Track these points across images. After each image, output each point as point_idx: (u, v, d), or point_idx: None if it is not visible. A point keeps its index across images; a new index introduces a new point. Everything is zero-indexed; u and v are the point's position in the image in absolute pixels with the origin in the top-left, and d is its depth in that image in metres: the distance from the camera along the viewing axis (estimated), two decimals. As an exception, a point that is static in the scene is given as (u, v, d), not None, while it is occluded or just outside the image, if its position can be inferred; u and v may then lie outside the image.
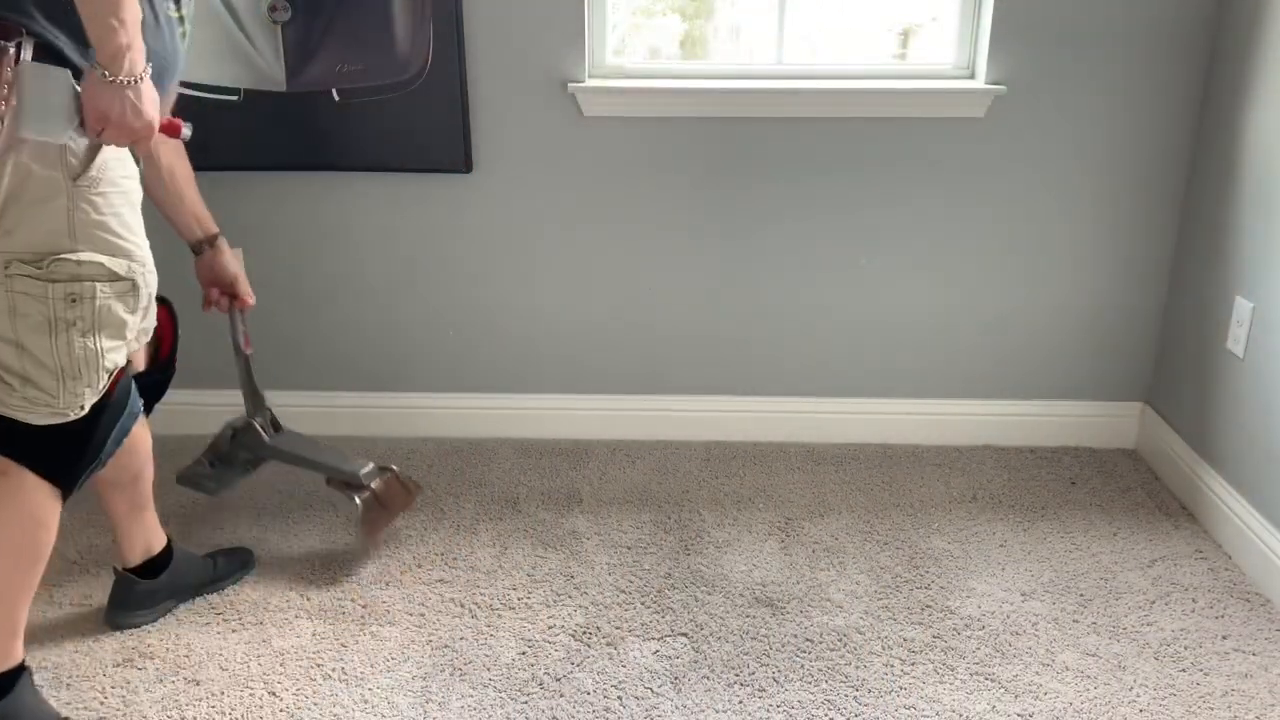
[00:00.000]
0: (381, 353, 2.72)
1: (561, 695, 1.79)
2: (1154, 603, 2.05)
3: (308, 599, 2.05)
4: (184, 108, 2.45)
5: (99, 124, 1.39)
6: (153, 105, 1.42)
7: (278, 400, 2.75)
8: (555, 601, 2.05)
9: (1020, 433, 2.71)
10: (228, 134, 2.48)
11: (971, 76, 2.50)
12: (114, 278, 1.48)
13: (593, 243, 2.60)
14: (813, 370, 2.70)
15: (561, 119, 2.49)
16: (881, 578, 2.13)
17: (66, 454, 1.56)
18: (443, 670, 1.85)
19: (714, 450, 2.69)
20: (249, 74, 2.43)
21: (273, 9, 2.38)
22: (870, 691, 1.80)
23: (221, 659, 1.88)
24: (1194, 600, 2.06)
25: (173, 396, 2.79)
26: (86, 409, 1.53)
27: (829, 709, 1.76)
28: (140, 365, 1.83)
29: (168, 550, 1.98)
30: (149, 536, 1.94)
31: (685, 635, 1.95)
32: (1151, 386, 2.67)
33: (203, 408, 2.76)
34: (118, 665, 1.86)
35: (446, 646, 1.92)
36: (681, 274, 2.62)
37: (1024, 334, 2.64)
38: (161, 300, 1.75)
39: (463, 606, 2.03)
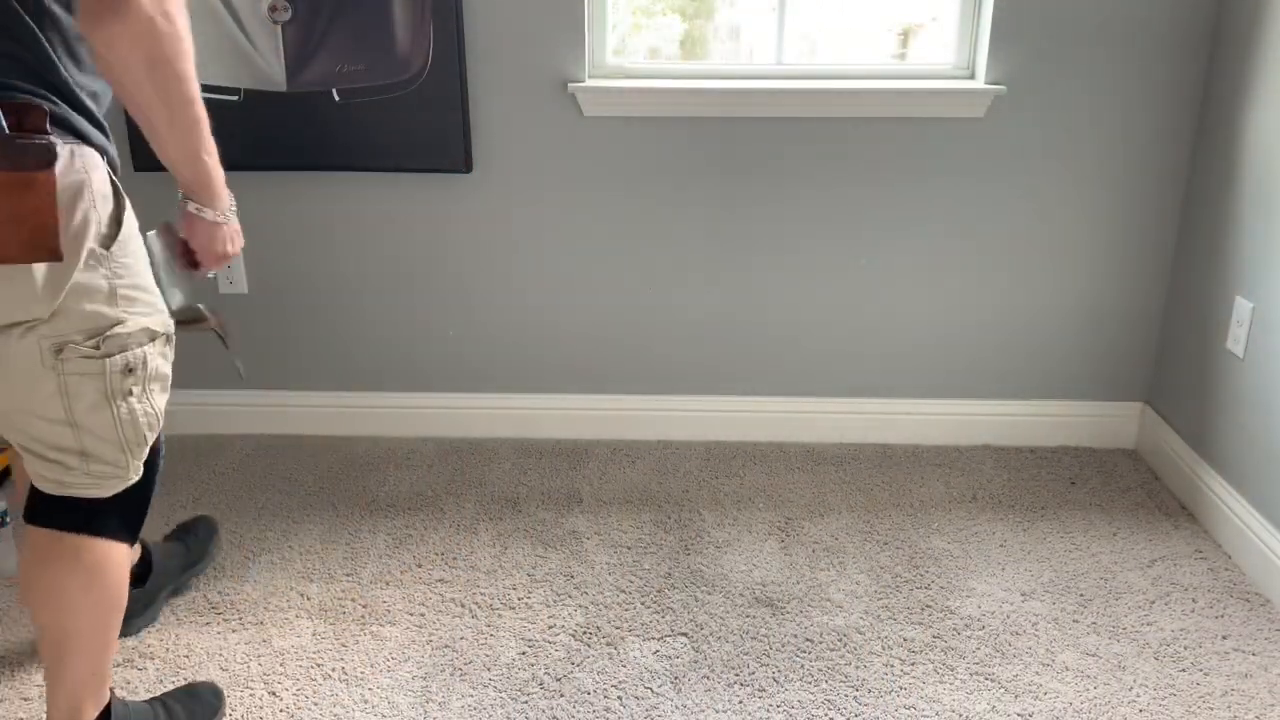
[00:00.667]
0: (381, 353, 2.72)
1: (561, 695, 1.79)
2: (1154, 603, 2.05)
3: (308, 599, 2.05)
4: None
5: (217, 264, 1.40)
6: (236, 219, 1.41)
7: (277, 399, 2.76)
8: (555, 601, 2.05)
9: (1020, 433, 2.71)
10: (228, 134, 2.47)
11: (971, 76, 2.50)
12: (154, 336, 1.44)
13: (593, 242, 2.60)
14: (813, 370, 2.70)
15: (561, 119, 2.49)
16: (881, 578, 2.13)
17: (133, 512, 1.53)
18: (443, 670, 1.85)
19: (714, 450, 2.69)
20: (249, 74, 2.43)
21: (273, 9, 2.38)
22: (870, 691, 1.80)
23: (221, 659, 1.88)
24: (1194, 600, 2.06)
25: (173, 397, 2.79)
26: (143, 468, 1.50)
27: (829, 709, 1.76)
28: None
29: (146, 556, 1.98)
30: None
31: (685, 635, 1.95)
32: (1151, 386, 2.67)
33: (204, 407, 2.76)
34: (118, 665, 1.86)
35: (446, 646, 1.92)
36: (681, 274, 2.62)
37: (1024, 334, 2.64)
38: None
39: (463, 606, 2.03)
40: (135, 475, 1.48)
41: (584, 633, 1.95)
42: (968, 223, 2.55)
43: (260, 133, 2.47)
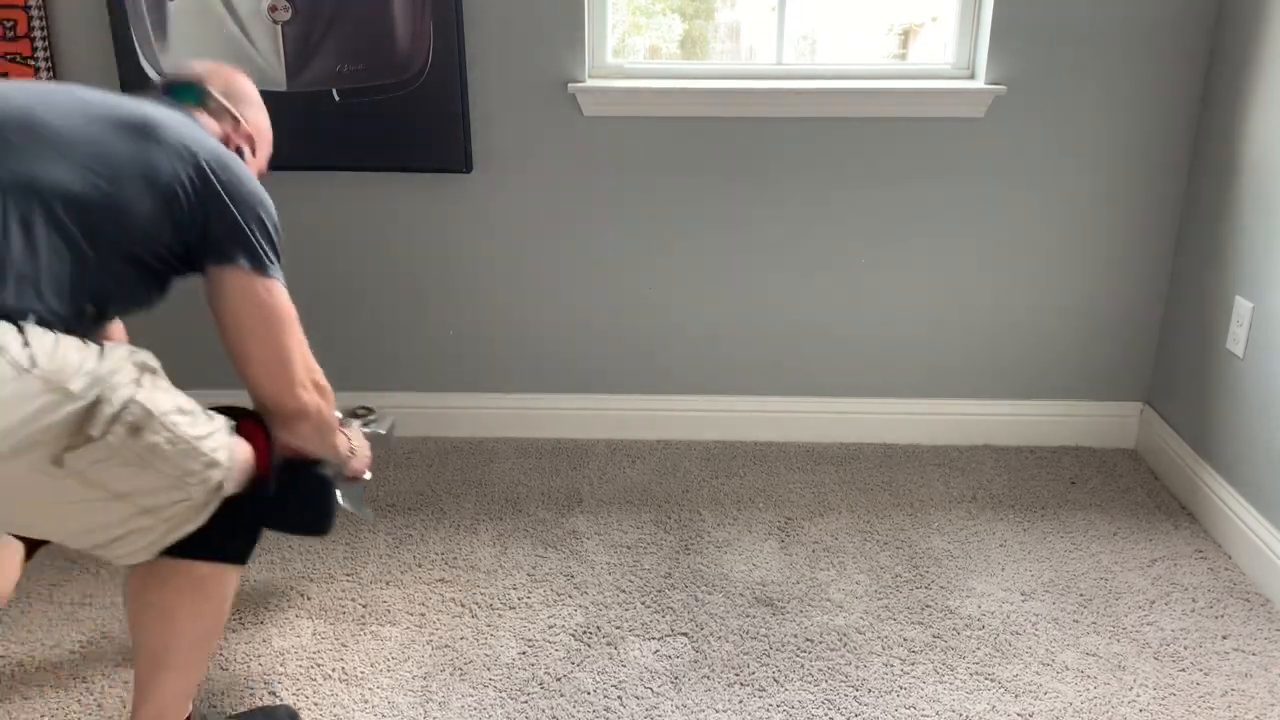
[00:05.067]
0: (382, 353, 2.72)
1: (561, 695, 1.79)
2: (1154, 603, 2.05)
3: (308, 598, 2.05)
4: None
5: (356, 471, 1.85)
6: None
7: (278, 400, 2.75)
8: (555, 601, 2.05)
9: (1020, 433, 2.71)
10: (228, 134, 2.48)
11: (971, 76, 2.50)
12: (135, 376, 1.34)
13: (592, 242, 2.60)
14: (813, 370, 2.70)
15: (561, 119, 2.49)
16: (881, 578, 2.13)
17: (238, 534, 1.51)
18: (443, 670, 1.85)
19: (714, 450, 2.69)
20: (249, 74, 2.42)
21: (273, 9, 2.38)
22: (870, 691, 1.80)
23: (221, 658, 1.88)
24: (1194, 600, 2.06)
25: (173, 396, 2.79)
26: (223, 486, 1.41)
27: (829, 709, 1.76)
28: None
29: None
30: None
31: (685, 635, 1.95)
32: (1151, 386, 2.67)
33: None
34: (118, 665, 1.86)
35: (446, 646, 1.92)
36: (681, 273, 2.62)
37: (1023, 334, 2.64)
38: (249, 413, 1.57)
39: (463, 606, 2.03)
40: (206, 494, 1.39)
41: (584, 633, 1.95)
42: (968, 223, 2.55)
43: (260, 133, 2.47)
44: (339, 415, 1.91)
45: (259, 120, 1.80)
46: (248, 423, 1.52)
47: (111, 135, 1.40)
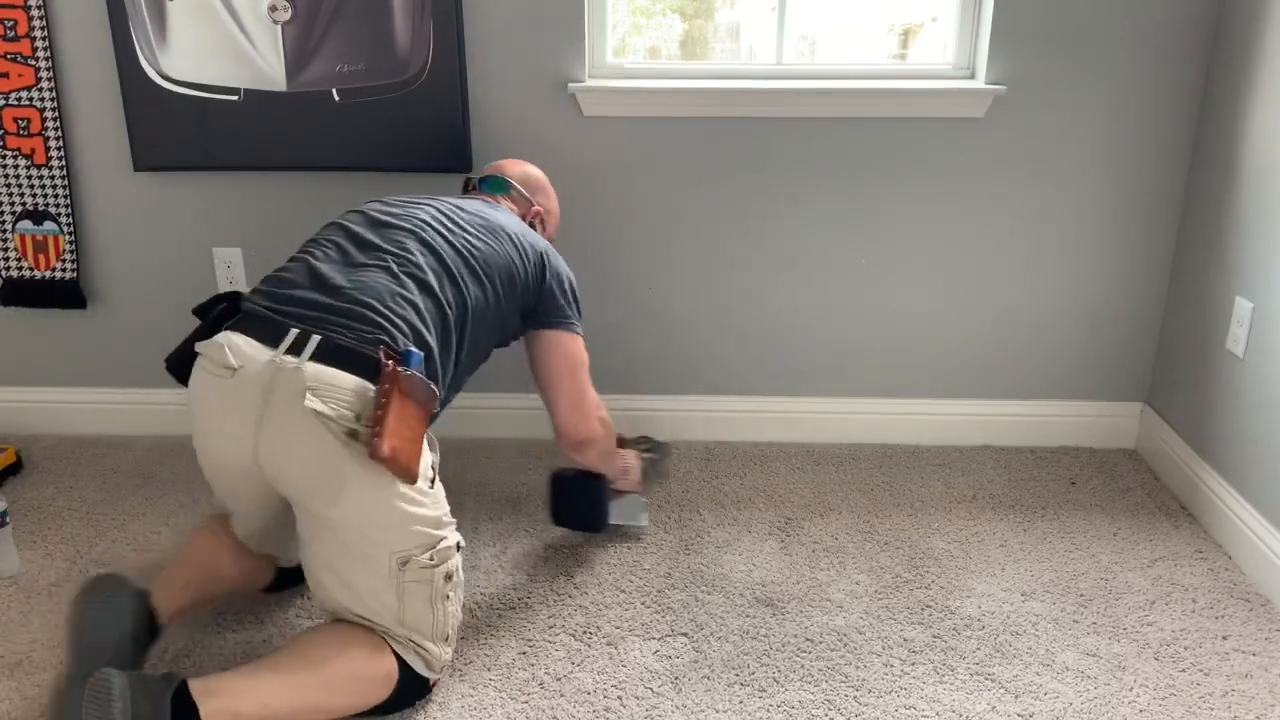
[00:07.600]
0: (381, 353, 2.72)
1: (561, 695, 1.79)
2: (1154, 603, 2.05)
3: (308, 599, 2.05)
4: (184, 107, 2.46)
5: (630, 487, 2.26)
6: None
7: (278, 400, 2.74)
8: (555, 601, 2.05)
9: (1020, 433, 2.71)
10: (228, 134, 2.48)
11: (971, 76, 2.50)
12: (460, 547, 1.76)
13: (591, 242, 2.60)
14: (813, 370, 2.70)
15: (561, 119, 2.49)
16: (881, 578, 2.13)
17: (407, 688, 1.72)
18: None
19: (714, 450, 2.69)
20: (249, 74, 2.43)
21: (273, 9, 2.38)
22: (870, 691, 1.80)
23: (222, 659, 1.88)
24: (1194, 600, 2.06)
25: (172, 397, 2.80)
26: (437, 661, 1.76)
27: (829, 709, 1.76)
28: None
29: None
30: None
31: (685, 635, 1.95)
32: (1151, 386, 2.67)
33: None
34: (118, 665, 1.86)
35: (446, 646, 1.92)
36: (680, 273, 2.62)
37: (1024, 334, 2.64)
38: None
39: (462, 606, 2.03)
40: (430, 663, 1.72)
41: (584, 633, 1.95)
42: (967, 223, 2.55)
43: (260, 133, 2.48)
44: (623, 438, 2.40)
45: (547, 203, 2.23)
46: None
47: (492, 244, 1.88)
